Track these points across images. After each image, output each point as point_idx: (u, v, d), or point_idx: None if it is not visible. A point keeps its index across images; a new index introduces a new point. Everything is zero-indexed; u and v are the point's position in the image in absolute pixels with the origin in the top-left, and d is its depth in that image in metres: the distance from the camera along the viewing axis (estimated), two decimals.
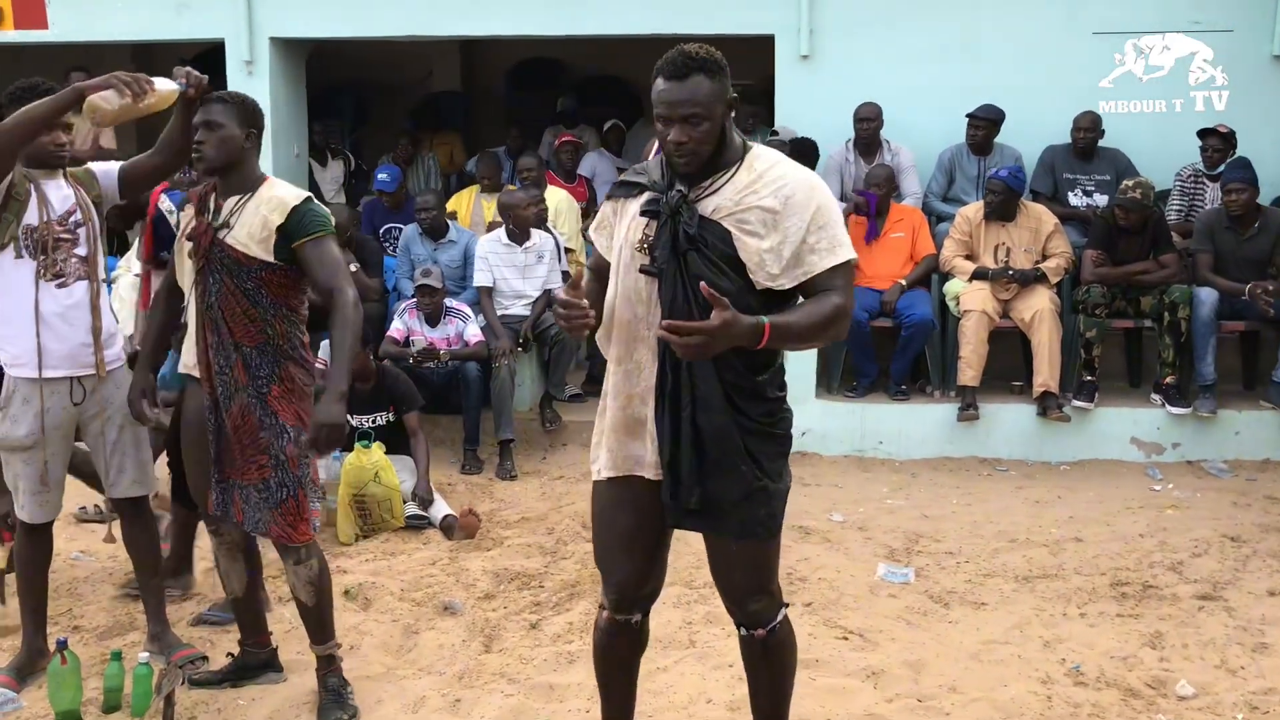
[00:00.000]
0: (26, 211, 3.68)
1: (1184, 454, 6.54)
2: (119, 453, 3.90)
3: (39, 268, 3.68)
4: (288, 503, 3.56)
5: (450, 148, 9.78)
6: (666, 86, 2.68)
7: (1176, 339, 6.50)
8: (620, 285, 2.83)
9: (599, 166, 8.97)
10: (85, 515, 5.52)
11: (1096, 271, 6.64)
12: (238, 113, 3.50)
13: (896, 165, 7.31)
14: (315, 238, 3.48)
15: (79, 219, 3.78)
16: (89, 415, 3.86)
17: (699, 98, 2.66)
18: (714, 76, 2.68)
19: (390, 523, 5.49)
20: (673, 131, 2.69)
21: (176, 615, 4.35)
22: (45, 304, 3.69)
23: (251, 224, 3.48)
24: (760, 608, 2.94)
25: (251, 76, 7.87)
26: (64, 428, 3.82)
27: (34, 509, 3.82)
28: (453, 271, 7.11)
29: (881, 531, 5.45)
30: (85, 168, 3.95)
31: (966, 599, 4.67)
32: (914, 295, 6.82)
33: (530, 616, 4.48)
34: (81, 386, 3.80)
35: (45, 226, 3.69)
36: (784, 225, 2.69)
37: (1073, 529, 5.51)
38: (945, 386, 6.87)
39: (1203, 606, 4.57)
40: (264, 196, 3.52)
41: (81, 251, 3.77)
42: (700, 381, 2.75)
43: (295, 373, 3.59)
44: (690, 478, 2.78)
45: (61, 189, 3.78)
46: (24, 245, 3.68)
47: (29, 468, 3.78)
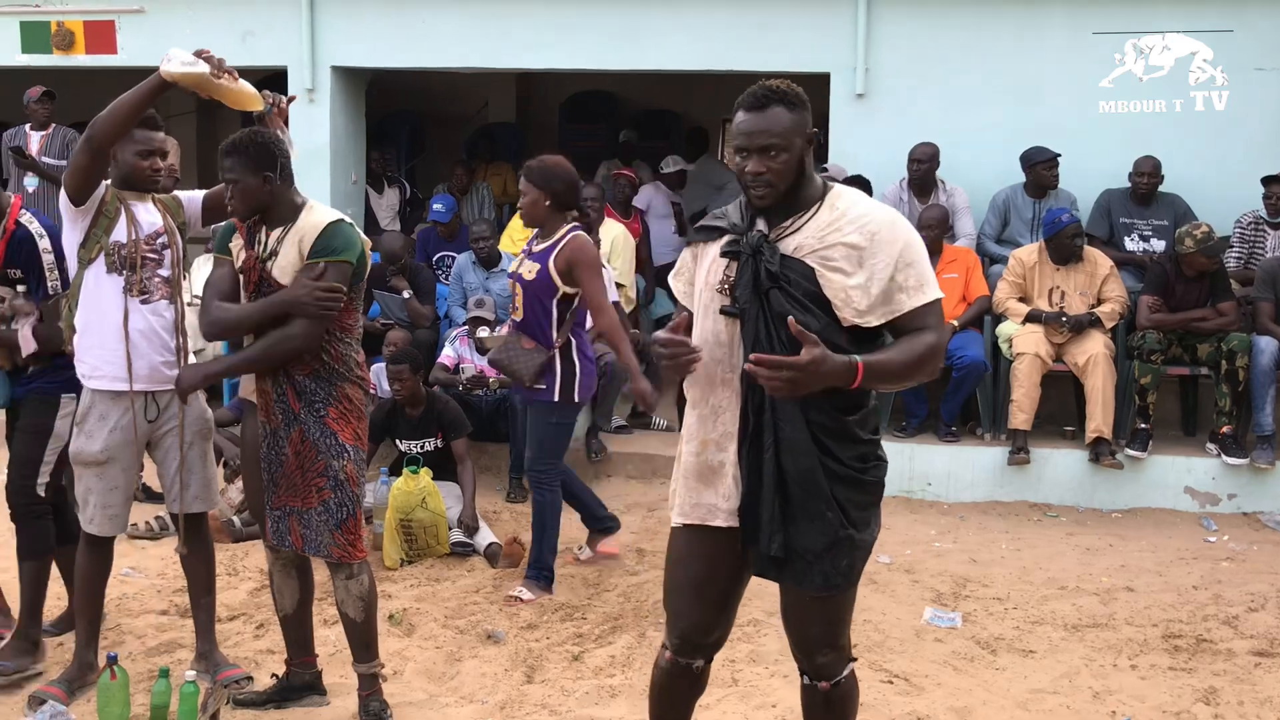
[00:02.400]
0: (115, 228, 3.78)
1: (1240, 505, 6.42)
2: (188, 468, 3.96)
3: (126, 283, 3.77)
4: (348, 521, 3.61)
5: (503, 178, 9.87)
6: (746, 118, 2.69)
7: (1234, 388, 6.40)
8: (700, 328, 2.80)
9: (654, 200, 9.01)
10: (136, 532, 5.59)
11: (1153, 317, 6.56)
12: (248, 162, 3.51)
13: (951, 206, 7.29)
14: (313, 263, 3.50)
15: (165, 241, 3.87)
16: (162, 430, 3.93)
17: (777, 129, 2.66)
18: (794, 109, 2.69)
19: (435, 549, 5.51)
20: (750, 162, 2.68)
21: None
22: (133, 319, 3.78)
23: (290, 254, 3.53)
24: (828, 660, 2.87)
25: (312, 104, 8.01)
26: (136, 443, 3.89)
27: (104, 522, 3.88)
28: (505, 301, 7.14)
29: (929, 575, 5.38)
30: (173, 195, 4.06)
31: (1015, 646, 4.60)
32: (966, 336, 6.76)
33: (573, 648, 4.47)
34: (156, 403, 3.87)
35: (133, 245, 3.78)
36: (870, 262, 2.65)
37: (1124, 578, 5.41)
38: (996, 429, 6.80)
39: (1259, 663, 4.46)
40: (301, 225, 3.56)
41: (165, 273, 3.86)
42: (785, 423, 2.68)
43: (352, 393, 3.64)
44: (772, 524, 2.71)
45: (150, 212, 3.88)
46: (113, 260, 3.77)
47: (101, 482, 3.84)
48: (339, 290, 3.50)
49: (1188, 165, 7.10)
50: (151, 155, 3.81)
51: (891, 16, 7.48)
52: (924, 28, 7.47)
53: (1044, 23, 7.40)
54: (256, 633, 4.56)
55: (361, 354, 3.73)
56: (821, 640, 2.85)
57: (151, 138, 3.82)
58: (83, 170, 3.69)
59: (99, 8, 8.20)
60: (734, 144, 2.72)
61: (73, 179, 3.71)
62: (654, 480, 6.80)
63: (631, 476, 6.87)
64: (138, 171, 3.81)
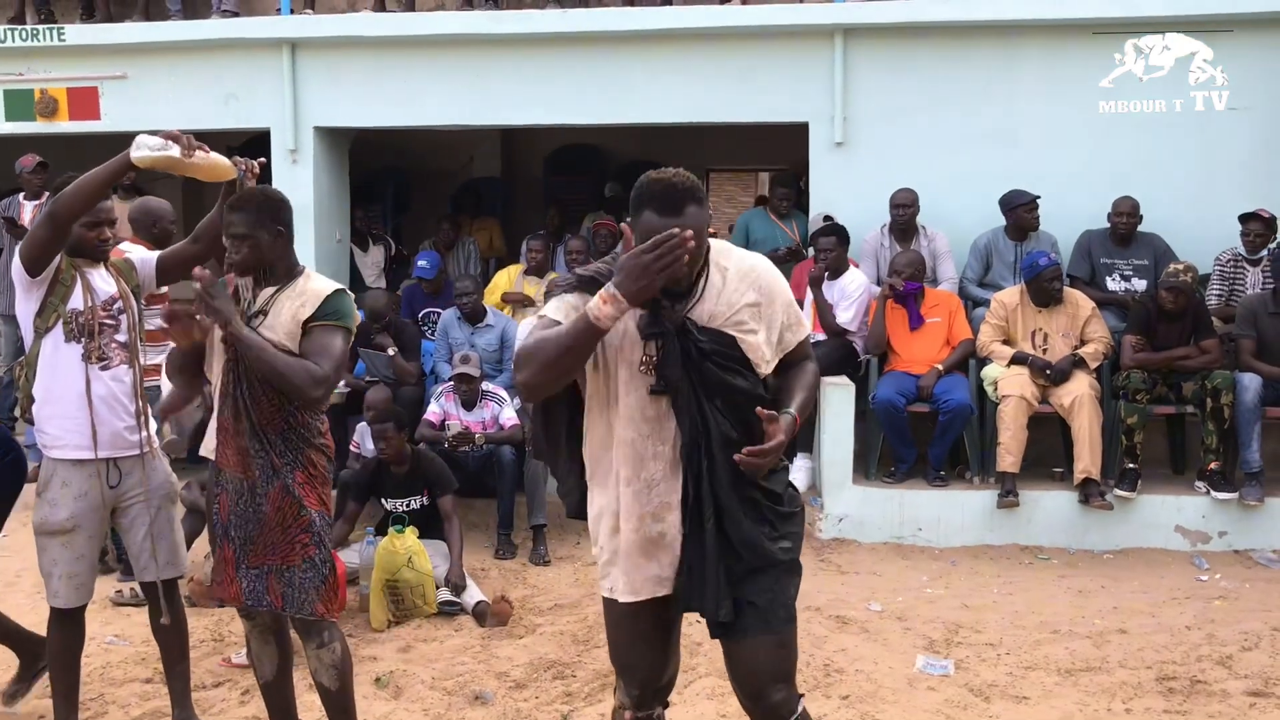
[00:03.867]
0: (72, 296, 3.78)
1: (1231, 543, 6.40)
2: (153, 535, 3.92)
3: (85, 351, 3.77)
4: (329, 578, 3.58)
5: (489, 233, 9.92)
6: (662, 222, 2.63)
7: (1220, 425, 6.41)
8: (621, 406, 2.82)
9: None
10: (121, 599, 5.54)
11: (1136, 357, 6.58)
12: (259, 218, 3.51)
13: (932, 250, 7.33)
14: (326, 325, 3.51)
15: (120, 306, 3.88)
16: (128, 498, 3.90)
17: (697, 229, 2.65)
18: (701, 203, 2.71)
19: (423, 609, 5.46)
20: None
21: None
22: (95, 386, 3.78)
23: (283, 316, 3.51)
24: (783, 698, 2.88)
25: (295, 165, 8.06)
26: (101, 510, 3.86)
27: (69, 593, 3.84)
28: (490, 355, 7.16)
29: (921, 621, 5.35)
30: (125, 258, 4.06)
31: (1008, 692, 4.56)
32: (951, 380, 6.77)
33: (562, 707, 4.42)
34: (118, 469, 3.84)
35: (90, 311, 3.79)
36: (768, 313, 2.83)
37: (1117, 620, 5.38)
38: (985, 472, 6.78)
39: (1254, 703, 4.43)
40: (299, 289, 3.55)
41: (122, 338, 3.87)
42: (721, 490, 2.78)
43: (315, 458, 3.62)
44: (719, 591, 2.79)
45: (104, 279, 3.89)
46: (71, 329, 3.77)
47: (66, 551, 3.81)
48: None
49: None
50: (99, 225, 3.81)
51: (868, 64, 7.57)
52: (900, 75, 7.56)
53: (1019, 66, 7.50)
54: (241, 699, 4.50)
55: (325, 422, 3.70)
56: (777, 675, 2.88)
57: (98, 209, 3.78)
58: (42, 243, 3.70)
59: (82, 74, 8.26)
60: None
61: (31, 251, 3.71)
62: None
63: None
64: (86, 241, 3.81)
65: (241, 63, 8.11)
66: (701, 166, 12.57)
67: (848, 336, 7.16)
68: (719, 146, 11.05)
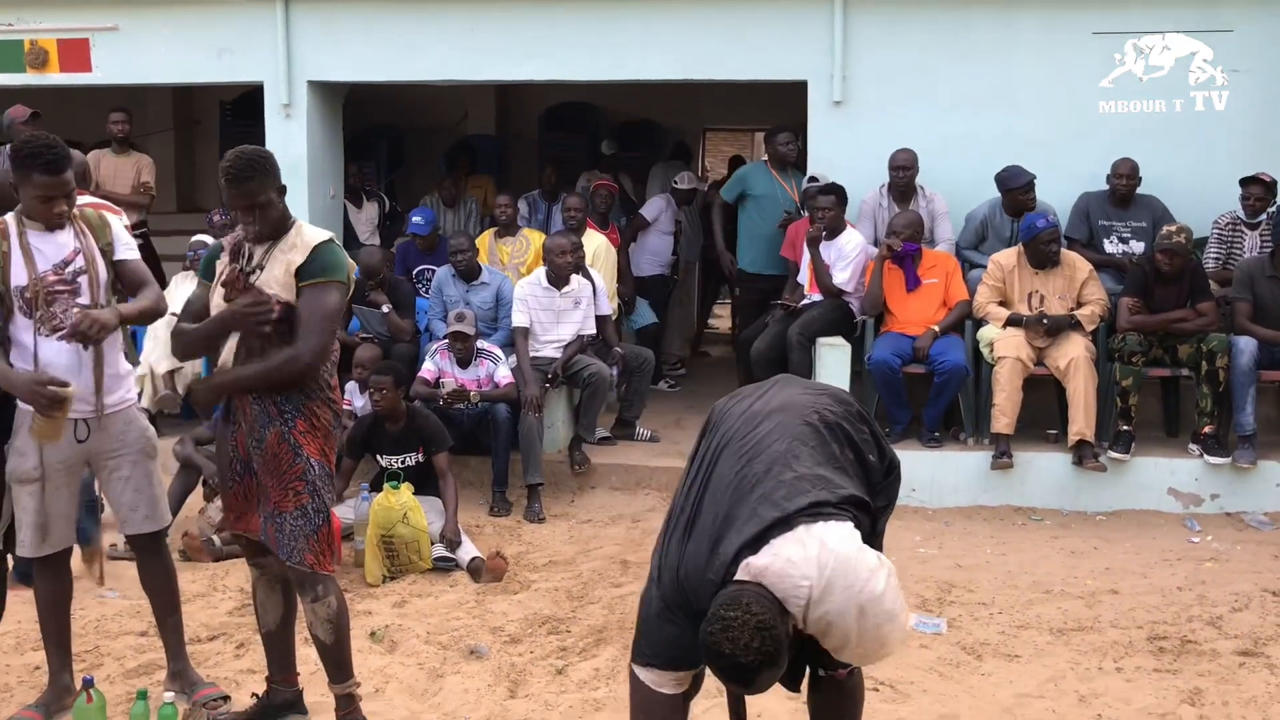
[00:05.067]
0: (12, 272, 3.69)
1: (1223, 505, 6.42)
2: (130, 489, 3.90)
3: (35, 323, 3.69)
4: (322, 529, 3.57)
5: (484, 191, 9.85)
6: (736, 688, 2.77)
7: (1214, 388, 6.41)
8: None
9: (663, 215, 8.99)
10: (115, 554, 5.54)
11: (1133, 319, 6.57)
12: (263, 182, 3.50)
13: (931, 211, 7.30)
14: (316, 284, 3.50)
15: (79, 267, 3.76)
16: (102, 453, 3.86)
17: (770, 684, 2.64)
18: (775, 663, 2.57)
19: (418, 564, 5.47)
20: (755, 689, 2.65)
21: None
22: (44, 355, 3.69)
23: (277, 268, 3.52)
24: None
25: (289, 119, 7.98)
26: (69, 463, 3.82)
27: (33, 543, 3.80)
28: (485, 313, 7.13)
29: (914, 581, 5.36)
30: (99, 213, 3.97)
31: (1000, 651, 4.58)
32: (947, 341, 6.76)
33: (556, 662, 4.44)
34: (85, 425, 3.79)
35: (36, 283, 3.69)
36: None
37: (1109, 581, 5.41)
38: (979, 434, 6.79)
39: (1243, 663, 4.46)
40: (291, 241, 3.55)
41: (84, 300, 3.74)
42: None
43: (320, 411, 3.60)
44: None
45: (59, 238, 3.75)
46: (17, 305, 3.70)
47: (34, 500, 3.77)
48: (265, 301, 3.46)
49: (1167, 168, 7.12)
50: (52, 199, 3.68)
51: (868, 22, 7.48)
52: (901, 34, 7.49)
53: (1020, 26, 7.42)
54: (237, 652, 4.52)
55: (335, 376, 3.70)
56: None
57: (49, 182, 3.66)
58: None
59: (73, 25, 8.15)
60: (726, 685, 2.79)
61: None
62: (638, 491, 6.78)
63: (615, 488, 6.85)
64: (39, 213, 3.71)
65: (235, 15, 8.00)
66: (699, 126, 12.53)
67: (844, 297, 7.14)
68: (716, 105, 10.98)
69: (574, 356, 6.89)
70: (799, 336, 6.93)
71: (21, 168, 3.66)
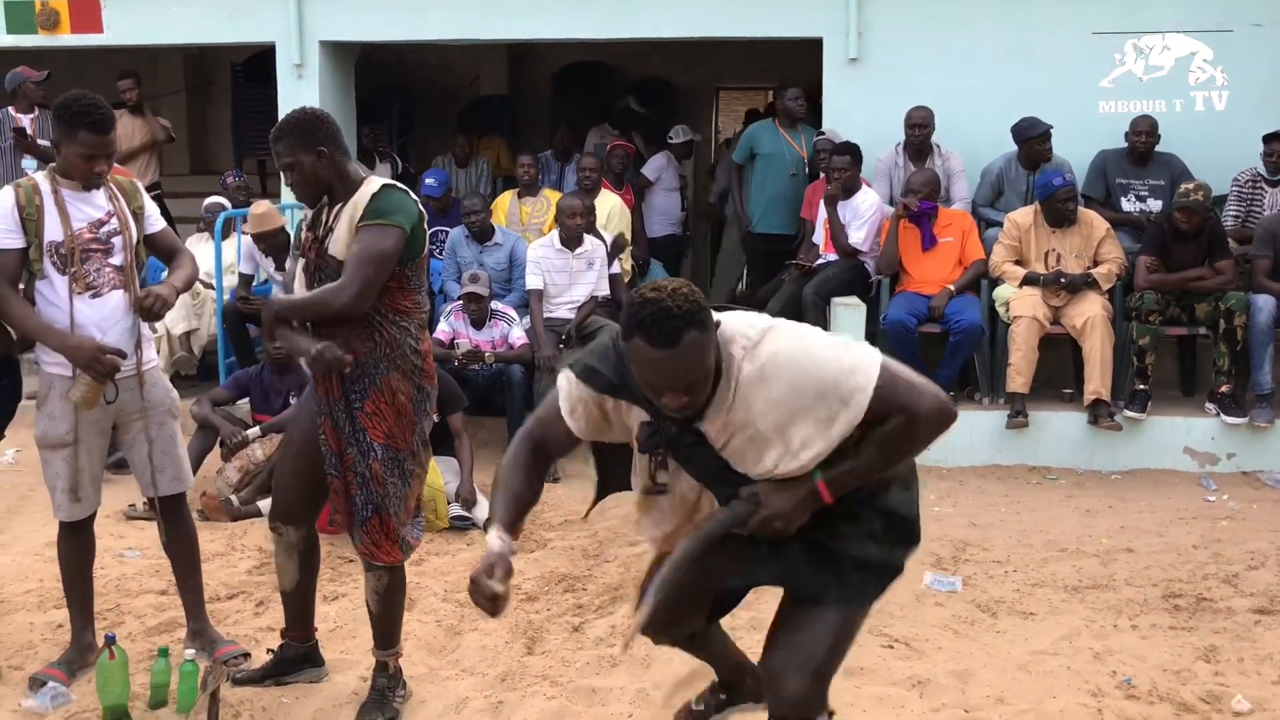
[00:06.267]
0: (46, 228, 3.69)
1: (1239, 464, 6.41)
2: (157, 451, 3.91)
3: (70, 280, 3.70)
4: (371, 521, 3.52)
5: (496, 151, 9.82)
6: (658, 356, 2.29)
7: (1232, 347, 6.38)
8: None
9: (665, 172, 8.95)
10: (134, 513, 5.58)
11: (1150, 278, 6.53)
12: (293, 144, 3.44)
13: (947, 170, 7.25)
14: (366, 224, 3.37)
15: (114, 228, 3.77)
16: (128, 415, 3.87)
17: (698, 364, 2.34)
18: (704, 327, 2.33)
19: (434, 523, 5.49)
20: (668, 398, 2.37)
21: None
22: (80, 315, 3.70)
23: (343, 229, 3.43)
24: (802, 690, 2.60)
25: (301, 80, 7.95)
26: (100, 424, 3.84)
27: (70, 507, 3.83)
28: (499, 274, 7.13)
29: (928, 539, 5.28)
30: (131, 180, 3.98)
31: (1015, 609, 4.60)
32: (963, 300, 6.73)
33: (573, 619, 4.47)
34: (114, 386, 3.80)
35: (71, 240, 3.70)
36: (784, 438, 2.44)
37: (1124, 539, 5.41)
38: (994, 393, 6.78)
39: (1259, 620, 4.46)
40: (355, 200, 3.44)
41: (117, 261, 3.76)
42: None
43: (398, 384, 3.47)
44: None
45: (93, 199, 3.76)
46: (52, 261, 3.70)
47: (67, 465, 3.79)
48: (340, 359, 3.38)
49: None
50: (94, 159, 3.67)
51: None
52: None
53: None
54: (256, 610, 4.56)
55: (425, 342, 3.55)
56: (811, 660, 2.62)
57: (96, 141, 3.66)
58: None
59: None
60: (644, 381, 2.38)
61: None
62: None
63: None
64: (79, 171, 3.69)
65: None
66: (714, 85, 12.42)
67: (859, 257, 7.11)
68: (730, 63, 10.87)
69: (588, 317, 6.89)
70: (814, 297, 6.91)
71: (68, 124, 3.65)
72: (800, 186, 7.88)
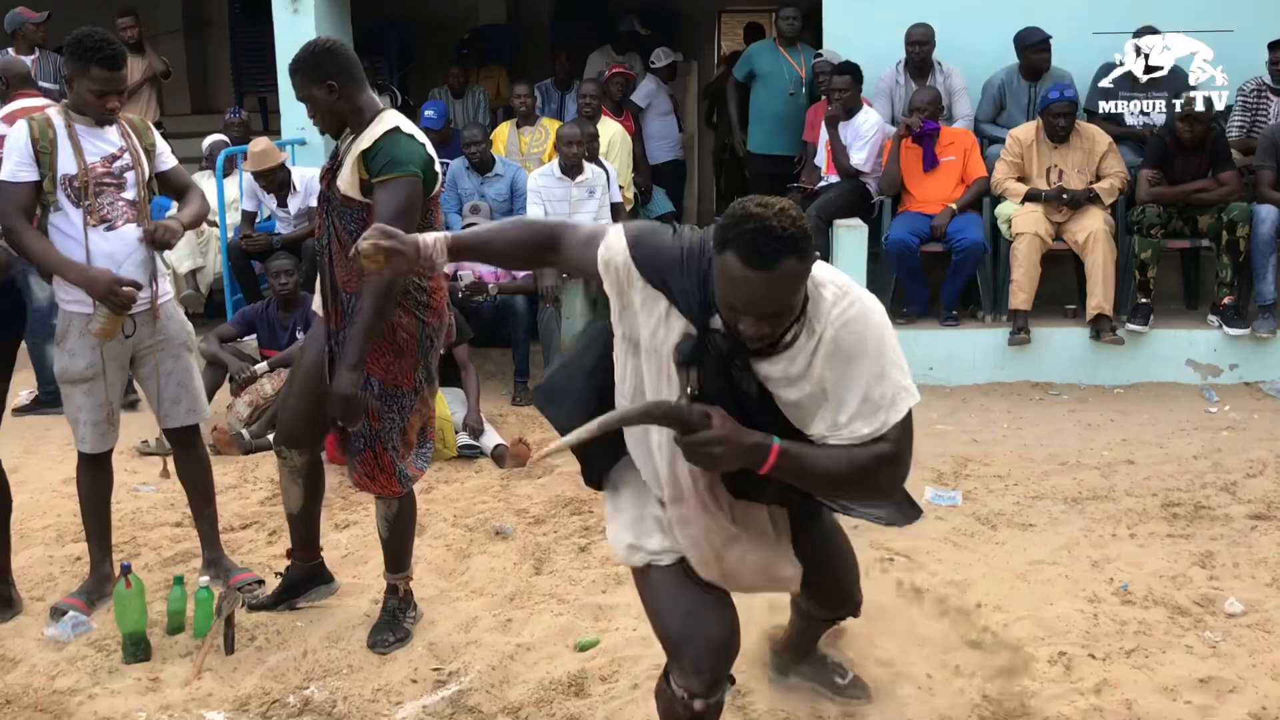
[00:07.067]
0: (60, 161, 3.74)
1: (1241, 375, 6.43)
2: (173, 383, 4.00)
3: (85, 213, 3.75)
4: (364, 454, 3.57)
5: (496, 81, 9.75)
6: (750, 276, 2.11)
7: (1235, 258, 6.37)
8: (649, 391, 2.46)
9: (656, 97, 8.89)
10: (147, 449, 5.65)
11: (1152, 191, 6.50)
12: (305, 79, 3.44)
13: (948, 87, 7.19)
14: (382, 180, 3.34)
15: (126, 163, 3.84)
16: (144, 348, 3.95)
17: (790, 293, 2.17)
18: (804, 255, 2.14)
19: (443, 452, 5.57)
20: (746, 323, 2.19)
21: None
22: (95, 247, 3.76)
23: (347, 164, 3.43)
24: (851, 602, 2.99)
25: (297, 14, 7.89)
26: (120, 359, 3.93)
27: (94, 440, 3.93)
28: (500, 205, 7.13)
29: (930, 456, 5.42)
30: (142, 118, 4.03)
31: (1014, 521, 4.66)
32: (965, 219, 6.72)
33: (579, 540, 4.56)
34: (132, 320, 3.87)
35: (85, 173, 3.75)
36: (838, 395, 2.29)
37: (1125, 451, 5.45)
38: (997, 311, 6.79)
39: (1255, 526, 4.52)
40: (365, 134, 3.42)
41: (130, 195, 3.83)
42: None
43: (399, 320, 3.46)
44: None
45: (106, 135, 3.81)
46: (65, 194, 3.75)
47: (89, 399, 3.88)
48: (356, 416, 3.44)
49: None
50: (106, 95, 3.72)
51: None
52: None
53: None
54: (269, 539, 4.65)
55: (438, 280, 3.54)
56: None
57: (108, 77, 3.70)
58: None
59: None
60: (727, 300, 2.19)
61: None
62: None
63: None
64: (91, 107, 3.74)
65: None
66: (715, 7, 12.28)
67: (861, 178, 7.08)
68: None
69: None
70: (816, 219, 6.90)
71: (80, 60, 3.69)
72: (799, 107, 7.84)
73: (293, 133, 7.71)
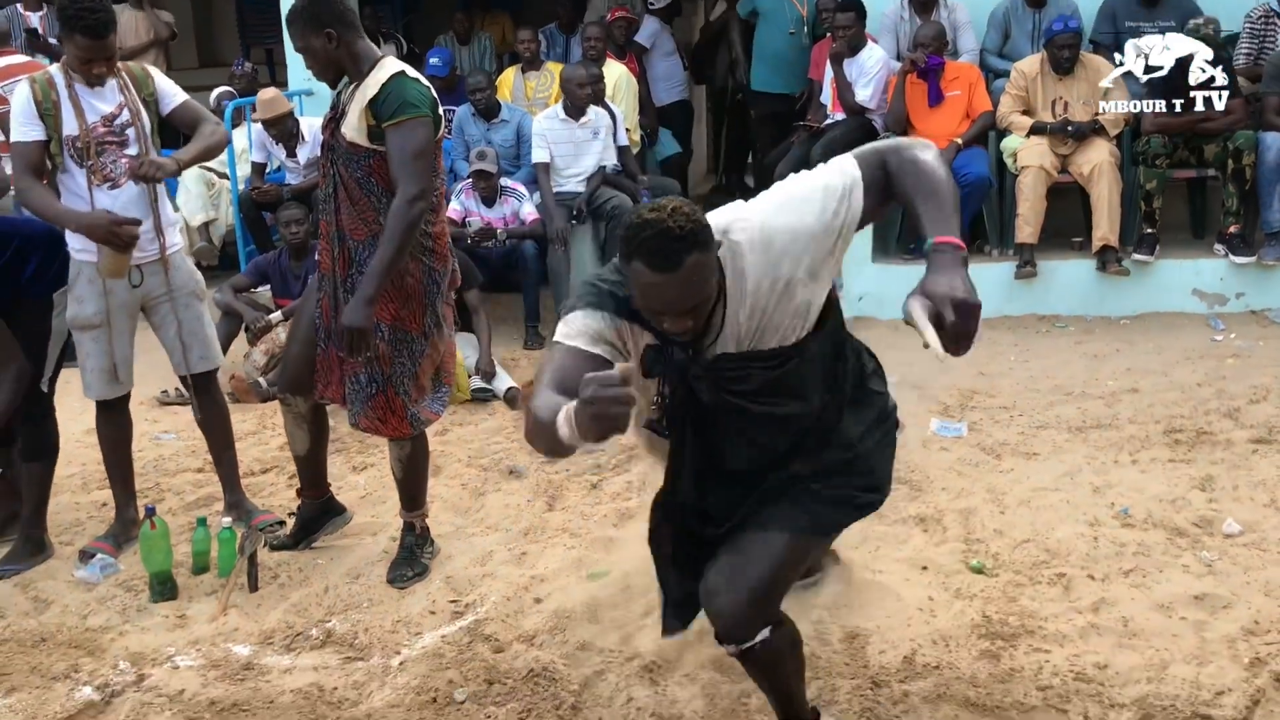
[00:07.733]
0: (64, 122, 3.81)
1: (1248, 303, 6.45)
2: (186, 331, 4.09)
3: (88, 173, 3.82)
4: (377, 398, 3.64)
5: (501, 27, 9.72)
6: (659, 280, 2.20)
7: (1241, 186, 6.37)
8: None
9: (659, 37, 8.86)
10: (167, 399, 5.79)
11: (1157, 121, 6.49)
12: (303, 29, 3.47)
13: (952, 22, 7.16)
14: (396, 123, 3.38)
15: (126, 119, 3.88)
16: (155, 298, 4.04)
17: (700, 287, 2.26)
18: (706, 248, 2.23)
19: (457, 395, 5.65)
20: (669, 322, 2.30)
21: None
22: (99, 205, 3.83)
23: (353, 111, 3.47)
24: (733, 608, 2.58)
25: None
26: (128, 307, 4.01)
27: (100, 387, 4.03)
28: (507, 151, 7.17)
29: (936, 389, 5.49)
30: (142, 66, 4.07)
31: (1018, 450, 4.73)
32: (970, 153, 6.72)
33: (591, 477, 4.66)
34: (140, 271, 3.95)
35: (86, 133, 3.81)
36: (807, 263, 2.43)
37: (1129, 381, 5.51)
38: (1003, 245, 6.82)
39: (1256, 449, 4.59)
40: (368, 81, 3.46)
41: (132, 151, 3.88)
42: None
43: (405, 266, 3.50)
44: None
45: (104, 93, 3.86)
46: (70, 154, 3.82)
47: (97, 345, 3.97)
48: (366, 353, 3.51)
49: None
50: (91, 62, 3.76)
51: None
52: None
53: None
54: (289, 482, 4.75)
55: (438, 224, 3.58)
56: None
57: (91, 45, 3.73)
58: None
59: None
60: (645, 305, 2.29)
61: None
62: None
63: None
64: (81, 73, 3.80)
65: None
66: None
67: (867, 115, 7.09)
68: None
69: (597, 189, 6.93)
70: (822, 157, 6.89)
71: (65, 27, 3.75)
72: (800, 46, 7.82)
73: (300, 83, 7.74)
